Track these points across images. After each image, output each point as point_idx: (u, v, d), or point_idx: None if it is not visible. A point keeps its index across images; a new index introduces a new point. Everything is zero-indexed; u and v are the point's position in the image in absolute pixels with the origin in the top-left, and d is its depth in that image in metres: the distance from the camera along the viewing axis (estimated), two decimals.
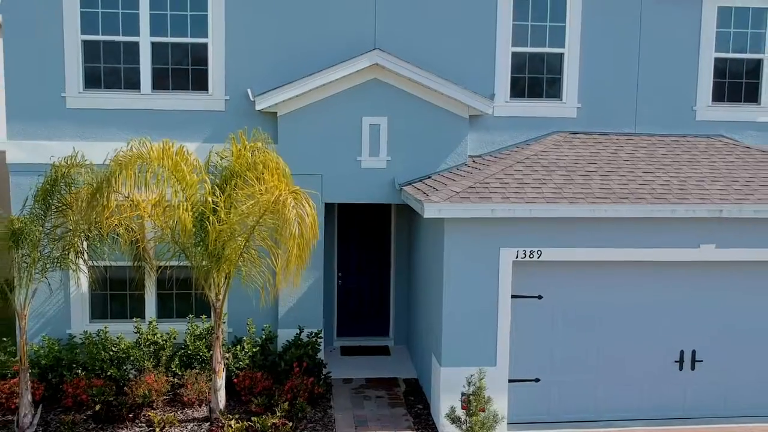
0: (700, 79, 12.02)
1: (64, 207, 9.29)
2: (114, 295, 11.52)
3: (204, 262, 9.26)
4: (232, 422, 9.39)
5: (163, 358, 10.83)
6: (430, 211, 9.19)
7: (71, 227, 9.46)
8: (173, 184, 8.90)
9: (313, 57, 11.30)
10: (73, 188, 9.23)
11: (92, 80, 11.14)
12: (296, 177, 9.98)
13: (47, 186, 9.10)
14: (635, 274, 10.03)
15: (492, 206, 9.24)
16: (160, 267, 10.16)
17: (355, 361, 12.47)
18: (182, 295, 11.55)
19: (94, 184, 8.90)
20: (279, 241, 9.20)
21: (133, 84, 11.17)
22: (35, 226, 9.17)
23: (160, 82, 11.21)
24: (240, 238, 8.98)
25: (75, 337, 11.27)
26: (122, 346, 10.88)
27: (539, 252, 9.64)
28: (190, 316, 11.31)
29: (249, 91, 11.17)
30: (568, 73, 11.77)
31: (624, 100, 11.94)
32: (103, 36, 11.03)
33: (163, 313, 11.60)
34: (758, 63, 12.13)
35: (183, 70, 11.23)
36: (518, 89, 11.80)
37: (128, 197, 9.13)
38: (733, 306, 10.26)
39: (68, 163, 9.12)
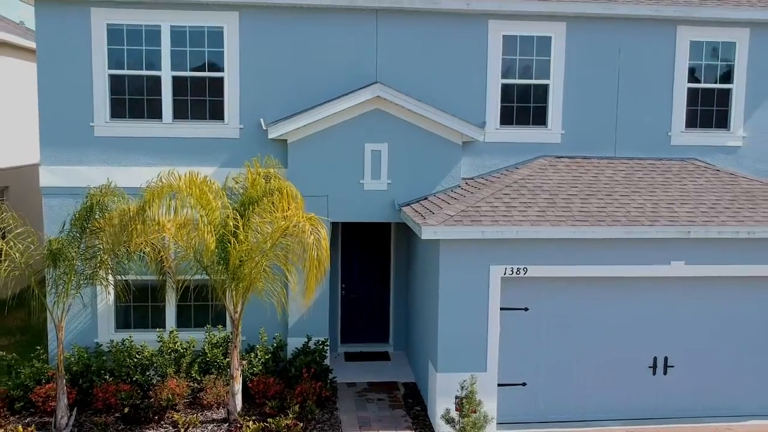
0: (675, 107, 13.10)
1: (97, 230, 10.31)
2: (137, 306, 12.53)
3: (224, 279, 10.30)
4: (250, 423, 10.44)
5: (184, 364, 11.86)
6: (427, 233, 10.26)
7: (102, 247, 10.49)
8: (199, 210, 9.93)
9: (319, 87, 12.37)
10: (106, 213, 10.23)
11: (118, 111, 12.18)
12: (305, 198, 11.00)
13: (84, 212, 10.13)
14: (612, 288, 11.11)
15: (482, 228, 10.31)
16: (183, 282, 11.19)
17: (358, 366, 13.52)
18: (200, 306, 12.56)
19: (126, 210, 9.94)
20: (291, 260, 10.28)
21: (156, 114, 12.20)
22: (72, 248, 10.20)
23: (180, 112, 12.25)
24: (257, 258, 10.02)
25: (102, 345, 12.30)
26: (146, 353, 11.91)
27: (525, 269, 10.71)
28: (207, 326, 12.34)
29: (261, 120, 12.22)
30: (553, 103, 12.84)
31: (605, 126, 13.02)
32: (128, 71, 12.08)
33: (182, 322, 12.63)
34: (728, 92, 13.21)
35: (201, 101, 12.28)
36: (507, 117, 12.87)
37: (155, 220, 10.15)
38: (702, 316, 11.36)
39: (102, 191, 10.15)
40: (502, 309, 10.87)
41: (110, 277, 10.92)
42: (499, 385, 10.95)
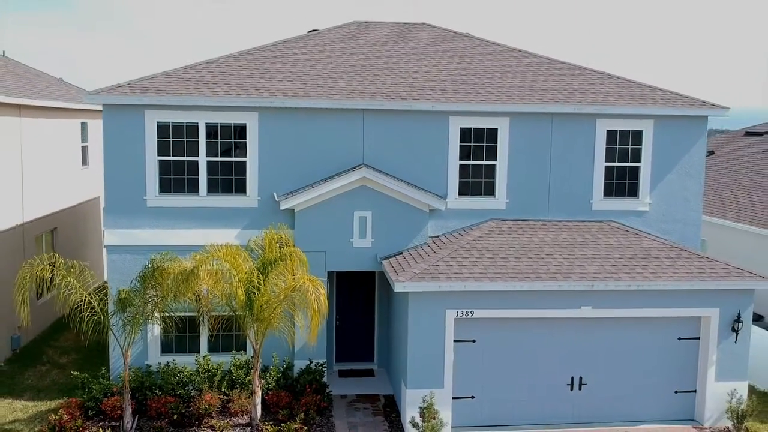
0: (595, 180, 16.81)
1: (156, 284, 13.97)
2: (178, 335, 16.15)
3: (249, 319, 13.95)
4: (268, 427, 14.14)
5: (215, 381, 15.51)
6: (398, 288, 14.00)
7: (158, 295, 14.13)
8: (232, 271, 13.59)
9: (319, 167, 16.05)
10: (163, 272, 13.87)
11: (165, 187, 15.86)
12: (308, 253, 14.68)
13: (148, 272, 13.79)
14: (539, 325, 14.83)
15: (439, 284, 14.04)
16: (215, 318, 14.85)
17: (349, 381, 17.20)
18: (226, 336, 16.19)
19: (181, 271, 13.57)
20: (298, 305, 13.94)
21: (194, 189, 15.88)
22: (137, 298, 13.86)
23: (212, 188, 15.94)
24: (275, 305, 13.67)
25: (151, 366, 15.95)
26: (185, 373, 15.57)
27: (472, 312, 14.42)
28: (233, 351, 16.04)
29: (275, 194, 15.91)
30: (500, 178, 16.56)
31: (540, 195, 16.72)
32: (172, 157, 15.76)
33: (213, 348, 16.30)
34: (637, 168, 16.94)
35: (228, 179, 15.97)
36: (464, 189, 16.57)
37: (199, 276, 13.77)
38: (606, 346, 15.08)
39: (162, 258, 13.81)
40: (455, 341, 14.57)
41: (161, 317, 14.57)
42: (453, 398, 14.65)
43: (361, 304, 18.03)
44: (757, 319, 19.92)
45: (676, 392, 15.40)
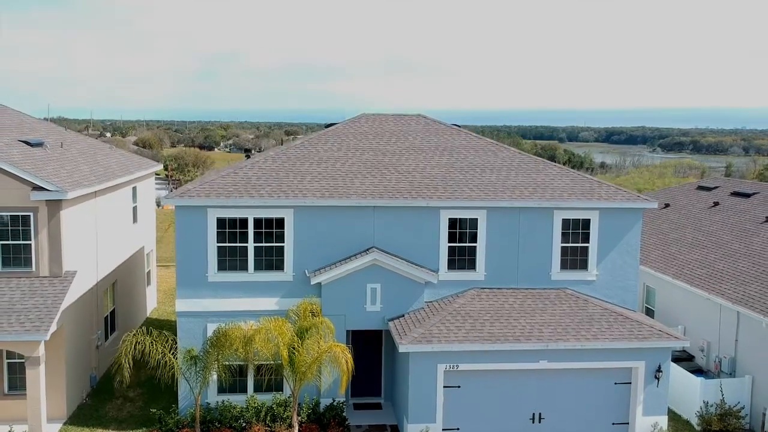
0: (554, 256, 21.60)
1: (220, 345, 18.69)
2: (230, 379, 20.84)
3: (289, 373, 18.67)
4: None
5: (261, 416, 20.24)
6: (402, 349, 18.80)
7: (220, 353, 18.86)
8: (278, 337, 18.32)
9: (339, 249, 20.82)
10: (227, 337, 18.59)
11: (222, 266, 20.62)
12: (332, 316, 19.46)
13: (215, 337, 18.51)
14: (509, 374, 19.61)
15: (432, 346, 18.84)
16: (263, 369, 19.56)
17: (362, 413, 21.92)
18: (268, 379, 20.87)
19: (242, 337, 18.27)
20: (327, 362, 18.67)
21: (244, 267, 20.64)
22: (207, 356, 18.58)
23: (258, 266, 20.70)
24: (309, 363, 18.39)
25: (210, 404, 20.68)
26: (237, 409, 20.30)
27: (457, 366, 19.20)
28: (273, 392, 20.78)
29: (306, 270, 20.69)
30: (479, 256, 21.35)
31: (510, 269, 21.51)
32: (228, 243, 20.52)
33: (256, 388, 21.04)
34: (587, 247, 21.74)
35: (270, 259, 20.73)
36: (452, 265, 21.35)
37: (252, 339, 18.49)
38: (560, 389, 19.87)
39: (226, 326, 18.53)
40: (444, 387, 19.35)
41: (220, 367, 19.31)
42: (443, 430, 19.43)
43: (371, 350, 22.76)
44: (688, 359, 24.82)
45: (613, 424, 20.19)
